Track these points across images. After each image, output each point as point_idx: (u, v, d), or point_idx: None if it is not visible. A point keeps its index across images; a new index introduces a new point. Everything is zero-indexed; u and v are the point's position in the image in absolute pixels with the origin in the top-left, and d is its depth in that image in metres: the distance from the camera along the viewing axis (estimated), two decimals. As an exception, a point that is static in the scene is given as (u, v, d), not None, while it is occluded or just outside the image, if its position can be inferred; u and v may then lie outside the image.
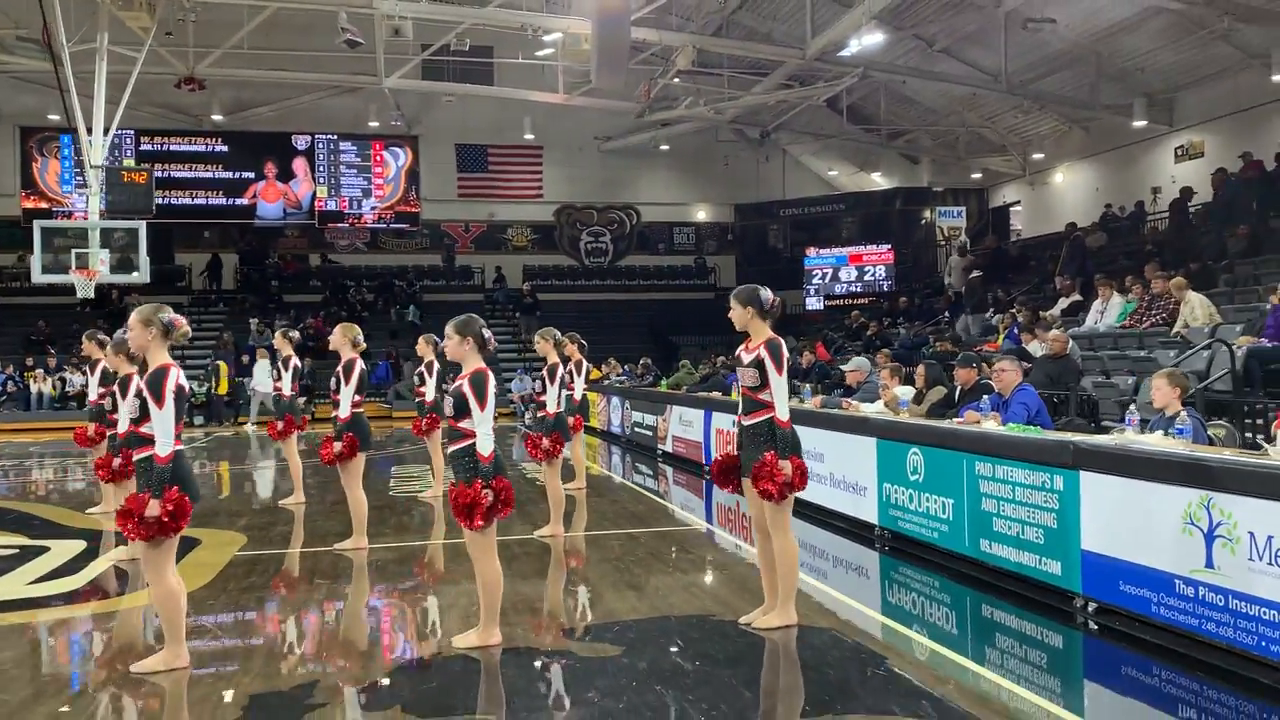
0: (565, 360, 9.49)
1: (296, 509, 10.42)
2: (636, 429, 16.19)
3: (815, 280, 29.55)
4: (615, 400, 17.40)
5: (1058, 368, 11.25)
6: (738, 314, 5.57)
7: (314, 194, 30.48)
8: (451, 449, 5.37)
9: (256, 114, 29.41)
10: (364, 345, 8.78)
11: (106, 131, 19.15)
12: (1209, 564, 5.00)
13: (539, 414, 9.50)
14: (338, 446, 7.95)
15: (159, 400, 4.96)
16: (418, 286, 30.07)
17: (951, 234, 30.02)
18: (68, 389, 23.07)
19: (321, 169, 30.60)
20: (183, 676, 5.01)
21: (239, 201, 30.10)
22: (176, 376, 5.02)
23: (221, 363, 24.10)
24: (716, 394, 13.63)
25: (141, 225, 18.67)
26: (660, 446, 14.73)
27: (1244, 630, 4.84)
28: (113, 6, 19.62)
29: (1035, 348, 12.77)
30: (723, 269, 33.23)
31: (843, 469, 8.62)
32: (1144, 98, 22.42)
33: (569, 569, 7.60)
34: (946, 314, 19.63)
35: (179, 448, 5.04)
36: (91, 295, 18.92)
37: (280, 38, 24.30)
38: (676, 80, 24.78)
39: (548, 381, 8.69)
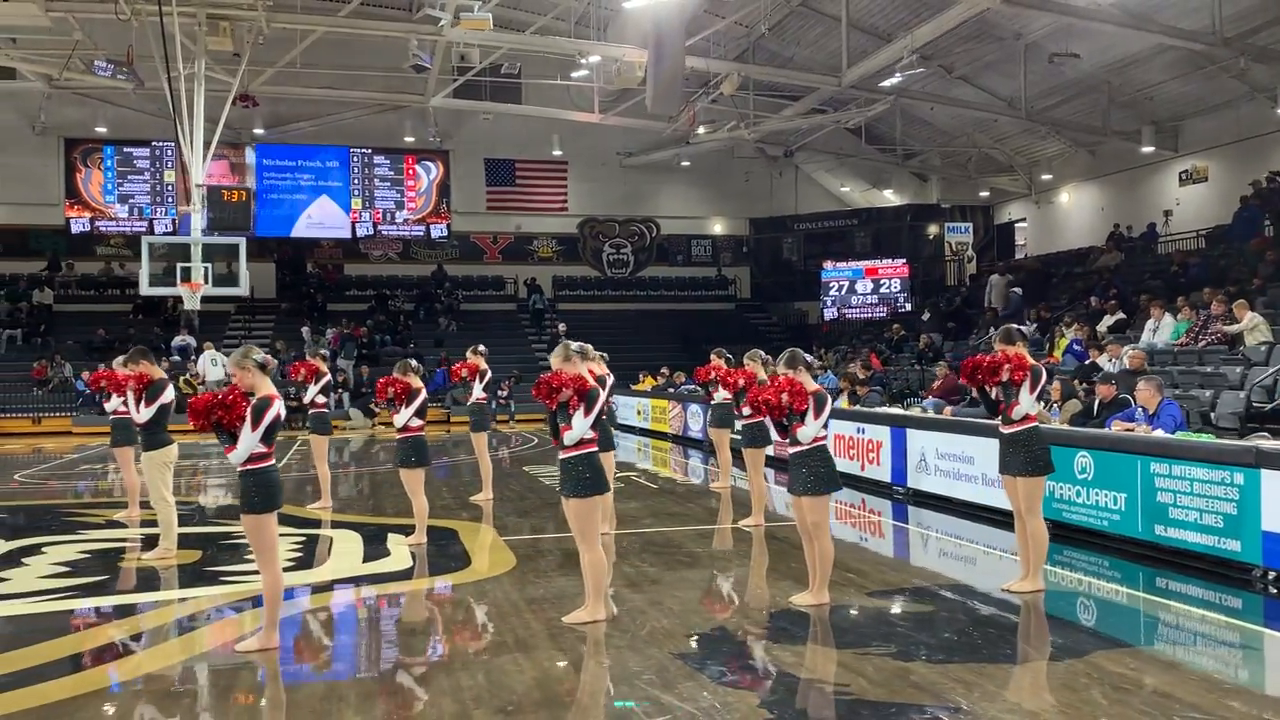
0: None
1: (485, 504, 11.77)
2: (726, 434, 17.64)
3: (832, 292, 31.14)
4: (695, 408, 18.85)
5: (1137, 382, 12.90)
6: (1012, 350, 7.06)
7: (349, 205, 31.64)
8: (791, 452, 6.89)
9: (297, 128, 30.53)
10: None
11: (206, 151, 20.22)
12: (1382, 537, 6.60)
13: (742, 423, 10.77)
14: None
15: (589, 410, 6.38)
16: (457, 296, 31.28)
17: (959, 249, 31.91)
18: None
19: (356, 182, 31.76)
20: (601, 627, 6.40)
21: (277, 212, 31.16)
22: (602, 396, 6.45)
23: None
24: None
25: (241, 241, 19.83)
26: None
27: None
28: (203, 33, 20.78)
29: (1105, 362, 14.44)
30: (739, 280, 34.91)
31: (995, 470, 10.15)
32: (1151, 125, 24.30)
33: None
34: (992, 329, 21.23)
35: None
36: (198, 306, 19.98)
37: (328, 55, 25.39)
38: (714, 103, 26.39)
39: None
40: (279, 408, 5.94)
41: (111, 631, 6.69)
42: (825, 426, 6.86)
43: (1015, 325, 7.39)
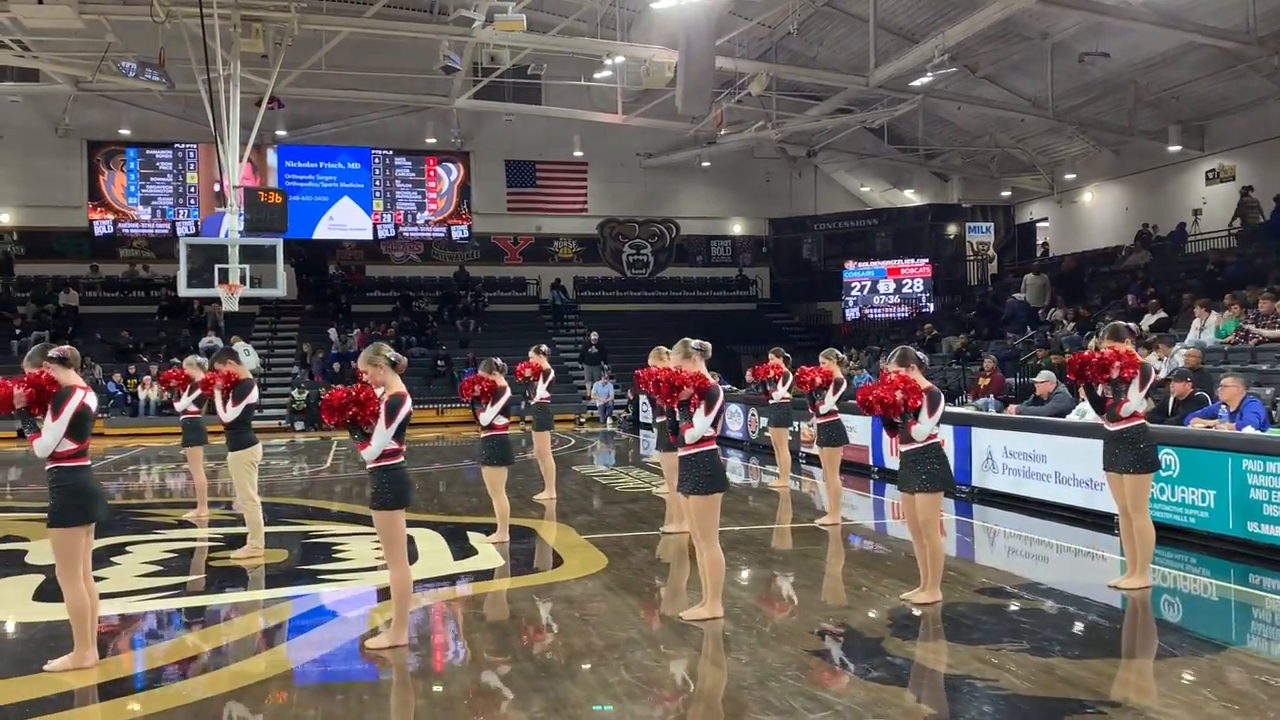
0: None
1: (549, 503, 11.77)
2: (767, 434, 17.65)
3: (854, 292, 31.12)
4: (734, 407, 18.86)
5: (1195, 379, 12.93)
6: (1122, 347, 7.08)
7: (370, 207, 31.65)
8: (904, 449, 6.90)
9: (318, 130, 30.52)
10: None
11: (241, 155, 20.18)
12: None
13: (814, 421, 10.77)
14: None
15: (710, 408, 6.39)
16: (483, 298, 31.27)
17: (980, 249, 31.92)
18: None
19: (378, 183, 31.76)
20: (720, 623, 6.40)
21: (298, 214, 31.10)
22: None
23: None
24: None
25: (279, 242, 19.82)
26: (805, 450, 16.24)
27: None
28: (238, 35, 20.76)
29: (1154, 361, 14.44)
30: (759, 281, 34.90)
31: (1071, 467, 10.20)
32: (1178, 124, 24.28)
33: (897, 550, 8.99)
34: (1028, 328, 21.28)
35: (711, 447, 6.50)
36: (236, 308, 19.95)
37: (351, 57, 25.36)
38: (739, 103, 26.40)
39: (830, 394, 10.19)
40: (410, 405, 5.95)
41: (230, 630, 6.68)
42: (938, 424, 6.87)
43: (1122, 322, 7.38)
